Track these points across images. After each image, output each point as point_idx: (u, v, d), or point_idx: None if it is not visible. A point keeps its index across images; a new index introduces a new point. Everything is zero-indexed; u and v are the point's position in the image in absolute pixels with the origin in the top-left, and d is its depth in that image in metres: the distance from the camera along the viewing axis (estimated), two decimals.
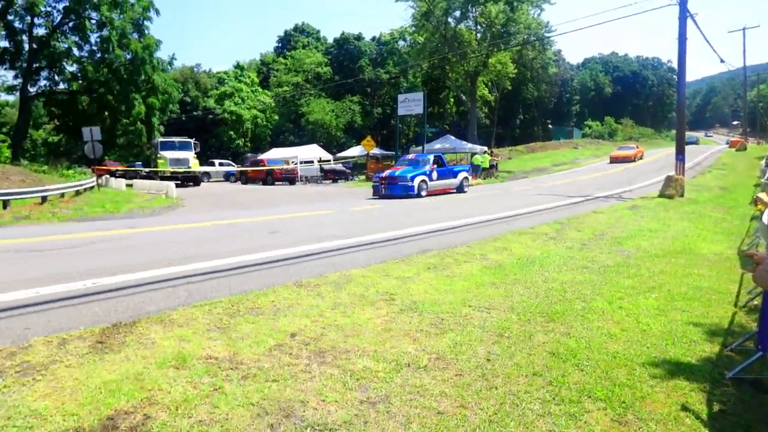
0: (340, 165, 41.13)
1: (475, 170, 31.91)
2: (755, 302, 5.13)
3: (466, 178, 22.63)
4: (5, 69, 39.08)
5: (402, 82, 60.57)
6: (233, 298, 5.21)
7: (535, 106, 77.34)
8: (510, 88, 59.21)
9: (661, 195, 16.51)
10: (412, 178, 19.48)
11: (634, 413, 3.02)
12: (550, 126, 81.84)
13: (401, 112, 36.50)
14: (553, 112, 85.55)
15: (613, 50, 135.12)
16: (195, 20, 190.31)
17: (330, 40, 75.85)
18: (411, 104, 35.40)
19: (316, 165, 38.69)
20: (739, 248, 8.50)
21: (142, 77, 38.91)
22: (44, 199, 17.02)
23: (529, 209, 14.19)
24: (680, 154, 18.62)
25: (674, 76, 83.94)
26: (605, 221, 11.52)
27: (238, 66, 69.83)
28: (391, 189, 19.79)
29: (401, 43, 62.35)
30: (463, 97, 49.87)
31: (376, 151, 43.13)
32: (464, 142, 40.76)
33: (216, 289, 5.64)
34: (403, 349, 3.95)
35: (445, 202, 17.71)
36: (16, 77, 39.71)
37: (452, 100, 60.00)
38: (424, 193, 19.69)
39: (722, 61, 27.84)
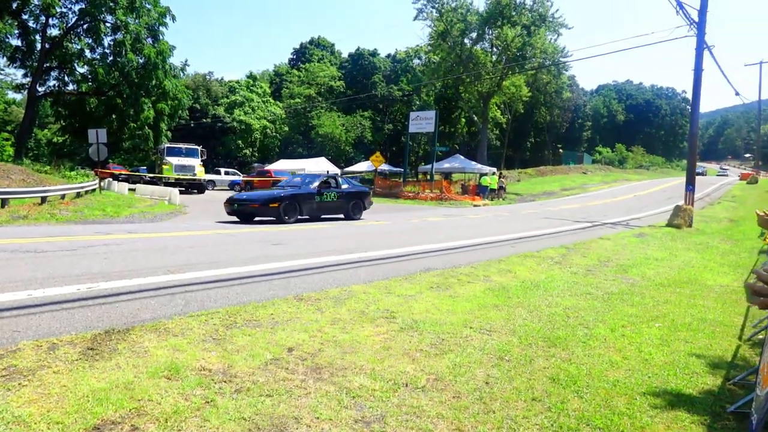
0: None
1: (483, 191, 31.93)
2: (760, 336, 5.03)
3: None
4: (15, 67, 39.52)
5: (414, 100, 60.96)
6: (231, 309, 5.16)
7: (547, 130, 77.56)
8: (522, 111, 59.61)
9: (669, 224, 16.38)
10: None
11: None
12: (560, 150, 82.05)
13: (412, 129, 36.68)
14: (564, 136, 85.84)
15: (628, 78, 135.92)
16: (210, 28, 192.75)
17: (345, 55, 76.69)
18: (422, 122, 35.58)
19: None
20: (745, 281, 8.38)
21: (153, 82, 39.21)
22: (44, 199, 17.05)
23: (535, 232, 14.11)
24: (690, 185, 18.52)
25: (688, 107, 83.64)
26: (611, 248, 11.42)
27: (250, 76, 70.58)
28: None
29: (416, 61, 63.01)
30: (475, 118, 50.14)
31: (384, 167, 43.27)
32: (474, 163, 40.84)
33: (214, 299, 5.59)
34: (402, 368, 3.88)
35: (451, 221, 17.66)
36: (25, 76, 40.05)
37: (464, 120, 60.31)
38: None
39: (737, 94, 27.67)
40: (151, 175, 34.07)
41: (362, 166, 48.47)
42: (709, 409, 3.47)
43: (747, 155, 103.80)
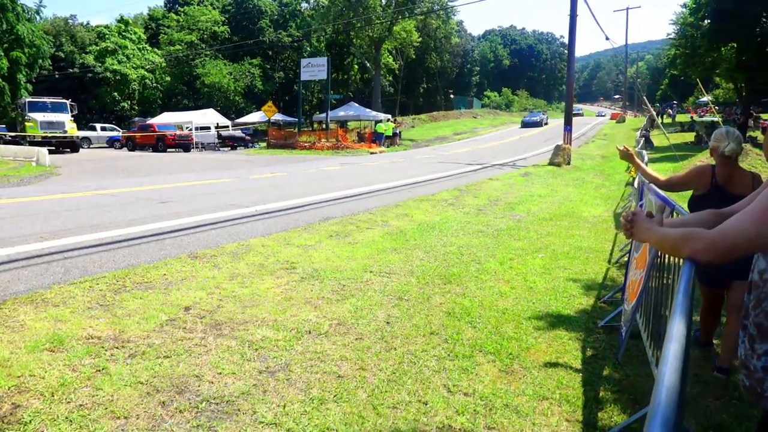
0: (240, 131, 39.50)
1: (379, 138, 32.10)
2: (626, 258, 5.64)
3: None
4: None
5: (305, 46, 58.85)
6: (118, 272, 4.86)
7: (438, 76, 78.70)
8: (414, 56, 59.83)
9: (551, 163, 17.58)
10: None
11: (519, 363, 3.23)
12: (451, 96, 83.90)
13: (304, 77, 35.63)
14: (455, 82, 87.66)
15: (512, 23, 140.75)
16: None
17: None
18: (314, 69, 34.61)
19: (213, 131, 36.85)
20: (614, 211, 9.29)
21: (4, 27, 34.31)
22: None
23: (430, 177, 14.53)
24: (568, 125, 19.85)
25: (566, 51, 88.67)
26: (500, 188, 12.08)
27: (121, 20, 63.81)
28: None
29: (304, 5, 60.58)
30: (368, 65, 49.70)
31: (278, 117, 41.95)
32: (368, 110, 40.75)
33: (98, 263, 5.22)
34: (304, 317, 3.91)
35: (349, 169, 17.68)
36: None
37: (357, 67, 59.48)
38: None
39: (607, 38, 29.61)
40: (13, 134, 30.39)
41: (254, 117, 46.58)
42: (584, 325, 3.88)
43: (616, 96, 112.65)
